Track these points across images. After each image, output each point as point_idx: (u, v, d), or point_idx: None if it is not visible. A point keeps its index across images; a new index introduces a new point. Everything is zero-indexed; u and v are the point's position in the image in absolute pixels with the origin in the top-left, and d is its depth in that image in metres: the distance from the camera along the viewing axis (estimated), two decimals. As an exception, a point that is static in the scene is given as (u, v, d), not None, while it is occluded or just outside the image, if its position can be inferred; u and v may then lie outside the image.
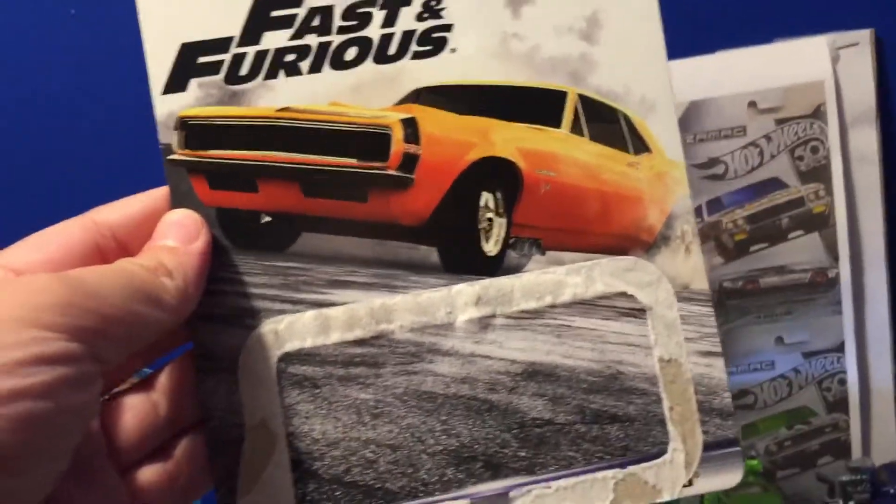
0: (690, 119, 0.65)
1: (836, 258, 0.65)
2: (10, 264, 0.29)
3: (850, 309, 0.65)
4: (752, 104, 0.65)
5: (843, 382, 0.67)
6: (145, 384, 0.33)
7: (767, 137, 0.65)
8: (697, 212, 0.65)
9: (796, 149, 0.65)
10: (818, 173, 0.65)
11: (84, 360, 0.26)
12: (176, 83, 0.33)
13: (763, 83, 0.65)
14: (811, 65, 0.64)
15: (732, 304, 0.67)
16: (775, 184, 0.66)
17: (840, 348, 0.66)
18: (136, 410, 0.32)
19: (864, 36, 0.63)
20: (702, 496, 0.70)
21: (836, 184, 0.65)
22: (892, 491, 0.61)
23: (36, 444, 0.24)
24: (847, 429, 0.67)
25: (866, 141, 0.64)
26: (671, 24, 0.63)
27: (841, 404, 0.67)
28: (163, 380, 0.33)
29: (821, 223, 0.66)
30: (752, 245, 0.67)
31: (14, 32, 0.64)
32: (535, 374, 0.34)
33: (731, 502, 0.64)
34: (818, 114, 0.64)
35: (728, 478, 0.35)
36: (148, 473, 0.32)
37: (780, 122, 0.65)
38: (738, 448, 0.35)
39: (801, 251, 0.66)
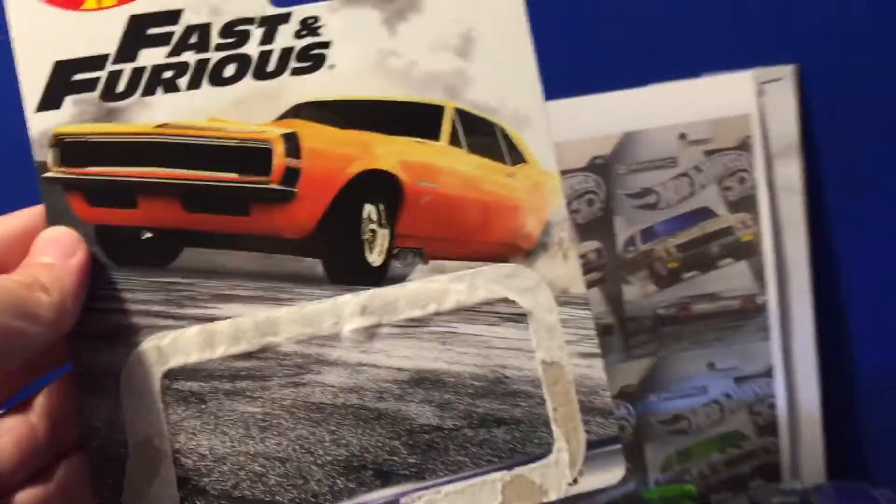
0: (624, 150, 0.67)
1: (763, 285, 0.67)
2: None
3: (778, 335, 0.67)
4: (683, 136, 0.67)
5: (772, 406, 0.68)
6: (23, 406, 0.32)
7: (697, 168, 0.67)
8: (632, 241, 0.67)
9: (725, 179, 0.67)
10: (746, 203, 0.67)
11: None
12: (50, 101, 0.33)
13: (692, 115, 0.67)
14: (737, 98, 0.66)
15: (666, 330, 0.68)
16: (705, 213, 0.68)
17: (769, 373, 0.67)
18: (13, 434, 0.31)
19: (788, 71, 0.66)
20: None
21: (763, 213, 0.67)
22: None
23: None
24: (777, 452, 0.68)
25: (790, 172, 0.66)
26: (605, 58, 0.66)
27: (771, 428, 0.68)
28: (41, 401, 0.32)
29: (749, 251, 0.67)
30: (685, 272, 0.68)
31: None
32: (422, 381, 0.35)
33: None
34: (745, 146, 0.67)
35: (610, 475, 0.36)
36: (27, 496, 0.31)
37: (709, 153, 0.67)
38: (619, 445, 0.36)
39: (730, 278, 0.68)
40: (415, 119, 0.36)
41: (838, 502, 0.62)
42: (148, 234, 0.34)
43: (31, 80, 0.33)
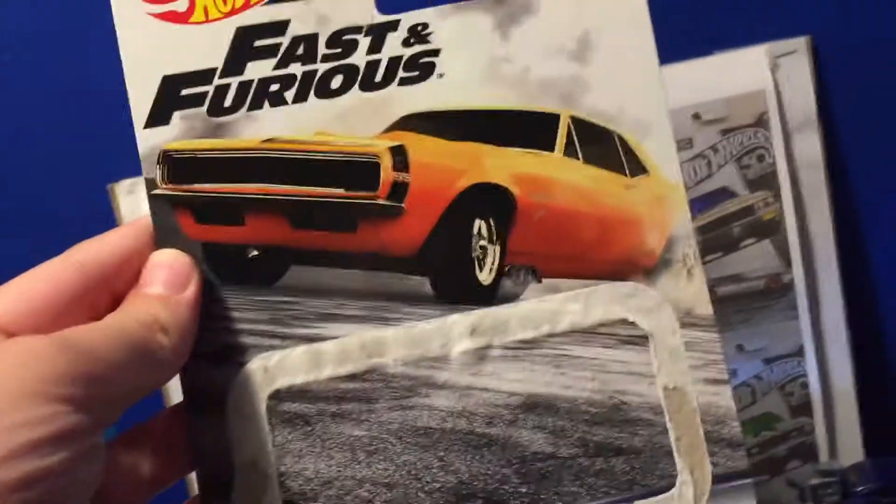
0: (637, 133, 0.66)
1: (788, 263, 0.65)
2: None
3: (807, 313, 0.65)
4: (697, 116, 0.65)
5: (805, 386, 0.66)
6: (128, 440, 0.32)
7: (713, 148, 0.65)
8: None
9: (742, 157, 0.65)
10: (766, 181, 0.65)
11: (94, 431, 0.26)
12: (159, 117, 0.32)
13: (706, 95, 0.65)
14: (751, 74, 0.65)
15: (690, 315, 0.68)
16: (724, 193, 0.66)
17: (800, 352, 0.66)
18: (120, 468, 0.31)
19: (801, 43, 0.64)
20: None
21: (784, 190, 0.65)
22: (861, 491, 0.60)
23: None
24: (812, 432, 0.66)
25: (810, 146, 0.65)
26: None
27: (804, 408, 0.66)
28: (144, 436, 0.32)
29: (772, 230, 0.66)
30: (706, 256, 0.66)
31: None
32: (534, 406, 0.33)
33: None
34: (762, 122, 0.65)
35: (740, 511, 0.33)
36: None
37: (724, 132, 0.65)
38: (749, 480, 0.33)
39: (754, 259, 0.66)
40: (528, 129, 0.35)
41: (879, 480, 0.60)
42: (254, 252, 0.34)
43: (140, 96, 0.32)
